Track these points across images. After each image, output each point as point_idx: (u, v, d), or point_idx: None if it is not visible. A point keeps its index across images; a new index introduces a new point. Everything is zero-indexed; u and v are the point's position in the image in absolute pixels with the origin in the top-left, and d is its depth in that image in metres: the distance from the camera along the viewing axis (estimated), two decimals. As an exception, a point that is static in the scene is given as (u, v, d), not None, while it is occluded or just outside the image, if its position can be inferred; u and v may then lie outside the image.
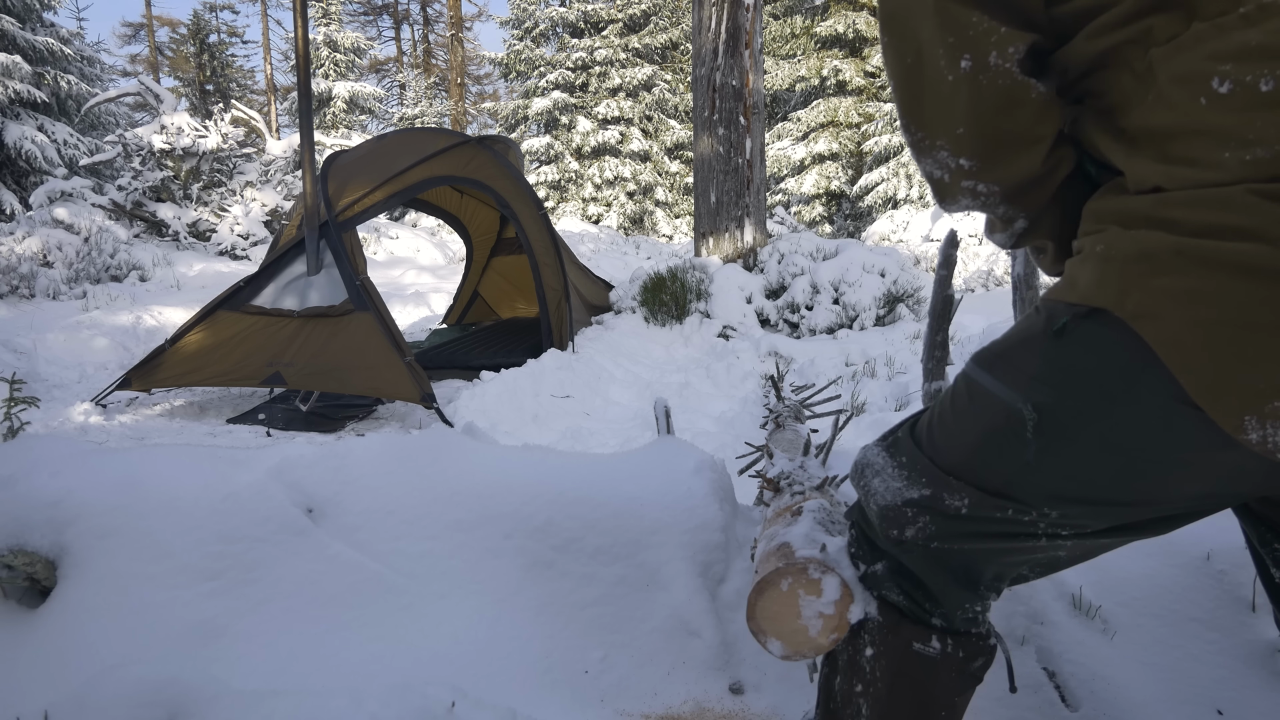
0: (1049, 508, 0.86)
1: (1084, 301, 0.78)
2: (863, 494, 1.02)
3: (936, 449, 0.94)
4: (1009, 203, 0.89)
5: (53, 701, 1.27)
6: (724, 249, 7.29)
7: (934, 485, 0.92)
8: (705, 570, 1.70)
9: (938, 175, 0.90)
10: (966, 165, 0.86)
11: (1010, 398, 0.84)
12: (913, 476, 0.95)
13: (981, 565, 0.97)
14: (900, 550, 0.99)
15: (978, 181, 0.87)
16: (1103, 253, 0.78)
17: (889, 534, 0.98)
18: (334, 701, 1.27)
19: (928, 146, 0.88)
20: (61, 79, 13.32)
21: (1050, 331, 0.81)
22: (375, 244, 11.82)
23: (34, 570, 1.57)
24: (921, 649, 1.01)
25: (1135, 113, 0.77)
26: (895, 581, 1.02)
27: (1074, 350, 0.79)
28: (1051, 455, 0.82)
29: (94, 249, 8.22)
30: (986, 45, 0.81)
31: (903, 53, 0.86)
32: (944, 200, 0.93)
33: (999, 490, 0.88)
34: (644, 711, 1.52)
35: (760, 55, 7.22)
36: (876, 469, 1.00)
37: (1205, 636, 1.51)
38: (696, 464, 1.85)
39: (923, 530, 0.94)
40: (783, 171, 19.22)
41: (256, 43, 42.14)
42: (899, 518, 0.96)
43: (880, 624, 1.04)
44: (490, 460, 1.88)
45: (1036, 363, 0.83)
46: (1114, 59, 0.78)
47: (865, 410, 4.06)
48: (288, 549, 1.65)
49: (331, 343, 4.21)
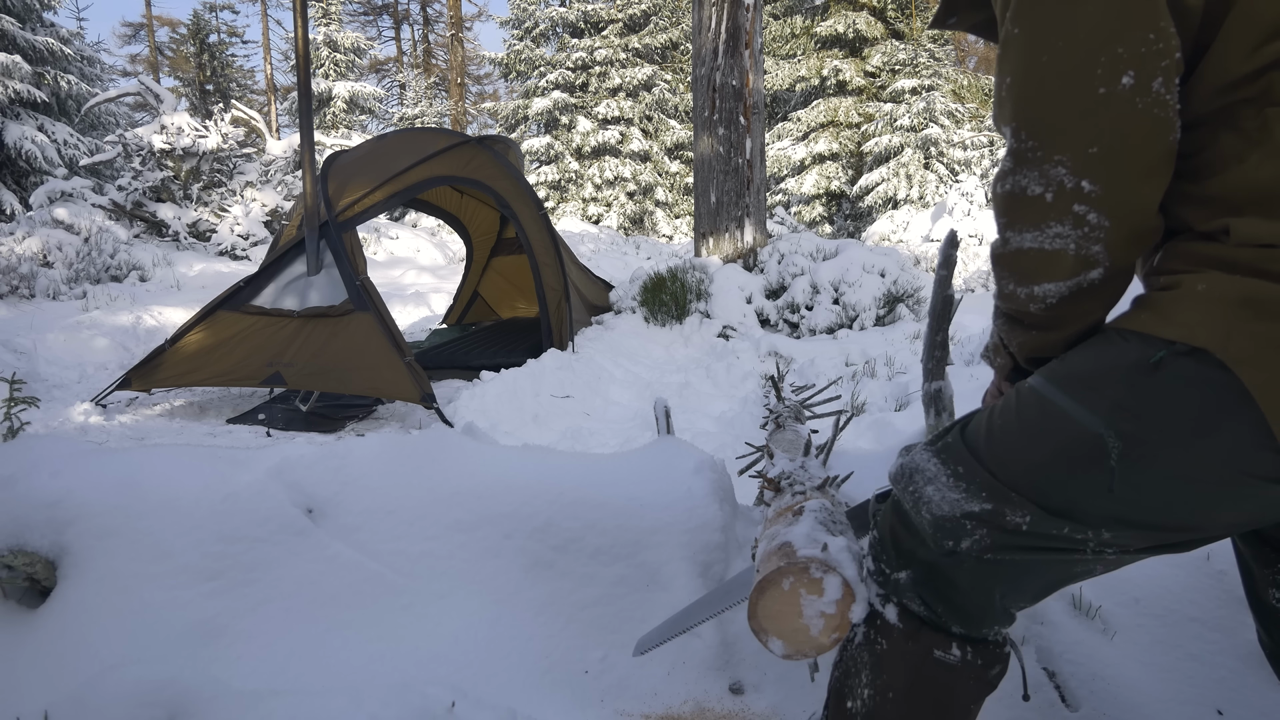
0: (1106, 529, 0.86)
1: (1184, 340, 0.78)
2: (912, 500, 0.99)
3: (997, 461, 0.92)
4: (1110, 242, 0.81)
5: (53, 701, 1.27)
6: (724, 249, 7.28)
7: (996, 500, 0.91)
8: (705, 570, 1.70)
9: (1037, 192, 0.82)
10: (1089, 189, 0.79)
11: (1092, 423, 0.83)
12: (971, 489, 0.93)
13: (1024, 579, 0.96)
14: (951, 561, 0.97)
15: (1093, 209, 0.79)
16: (1205, 292, 0.78)
17: (943, 544, 0.96)
18: (334, 701, 1.27)
19: (1039, 159, 0.80)
20: (61, 79, 13.32)
21: (1145, 363, 0.80)
22: (375, 244, 11.82)
23: (34, 570, 1.57)
24: (943, 656, 1.00)
25: (1234, 171, 0.77)
26: (918, 592, 1.01)
27: (1168, 386, 0.79)
28: (1126, 484, 0.83)
29: (94, 249, 8.22)
30: (1156, 67, 0.75)
31: (1040, 49, 0.78)
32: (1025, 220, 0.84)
33: (1061, 510, 0.87)
34: (644, 711, 1.52)
35: (760, 55, 7.22)
36: (929, 476, 0.97)
37: (1205, 636, 1.50)
38: (696, 464, 1.85)
39: (979, 542, 0.93)
40: (783, 171, 19.22)
41: (256, 43, 42.15)
42: (957, 529, 0.94)
43: (901, 630, 1.03)
44: (490, 460, 1.88)
45: (1125, 391, 0.82)
46: (1221, 116, 0.78)
47: (865, 410, 4.06)
48: (288, 549, 1.65)
49: (331, 343, 4.21)
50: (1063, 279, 0.85)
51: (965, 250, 11.55)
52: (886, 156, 16.99)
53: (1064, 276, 0.85)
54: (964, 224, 12.12)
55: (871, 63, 18.72)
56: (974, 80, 19.48)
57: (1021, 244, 0.86)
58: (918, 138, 16.37)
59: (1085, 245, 0.82)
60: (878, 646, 1.05)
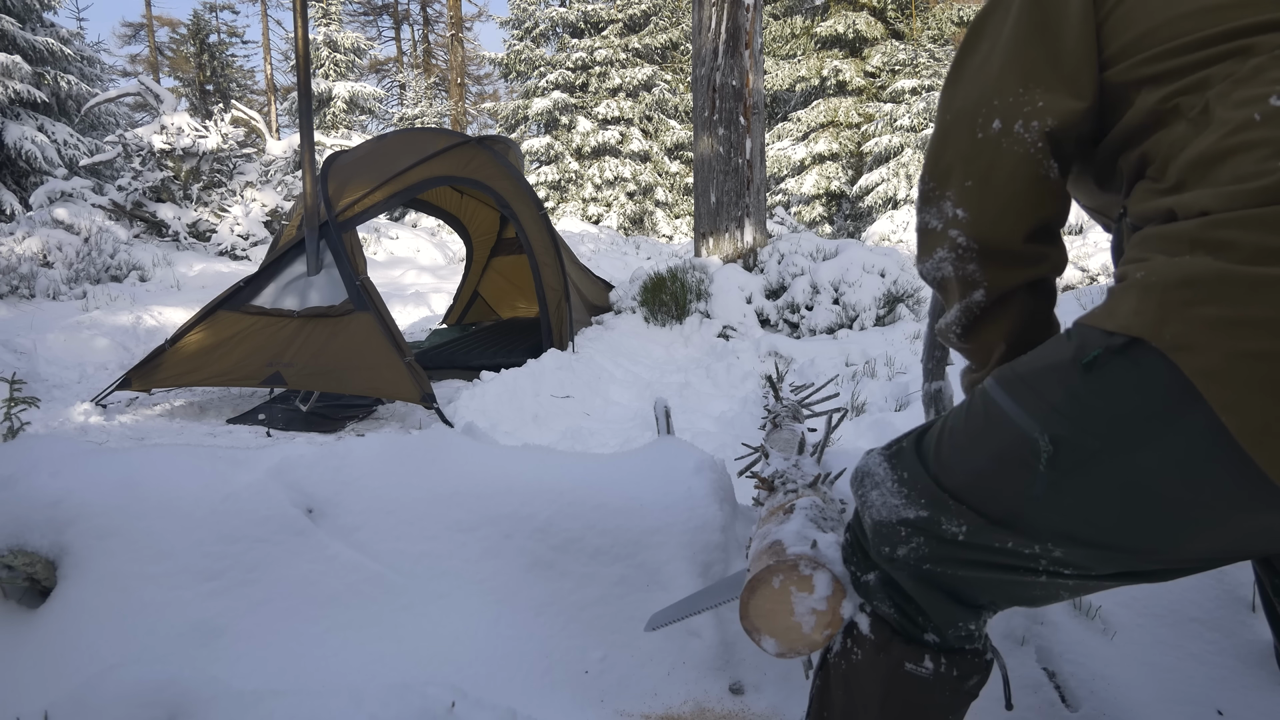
0: (1054, 545, 0.82)
1: (1121, 330, 0.73)
2: (860, 504, 1.00)
3: (943, 466, 0.91)
4: (979, 262, 0.95)
5: (53, 701, 1.27)
6: (724, 249, 7.28)
7: (932, 507, 0.89)
8: (705, 570, 1.70)
9: (932, 225, 0.97)
10: (960, 215, 0.94)
11: (1027, 425, 0.79)
12: (912, 495, 0.92)
13: (974, 591, 0.94)
14: (891, 567, 0.96)
15: (962, 232, 0.94)
16: (1143, 280, 0.73)
17: (880, 550, 0.95)
18: (334, 701, 1.27)
19: (936, 197, 0.96)
20: (61, 79, 13.32)
21: (1080, 362, 0.76)
22: (375, 244, 11.82)
23: (34, 570, 1.57)
24: (914, 669, 0.97)
25: (1185, 152, 0.76)
26: (888, 594, 0.99)
27: (1102, 386, 0.74)
28: (1063, 492, 0.78)
29: (94, 249, 8.22)
30: (1018, 114, 0.88)
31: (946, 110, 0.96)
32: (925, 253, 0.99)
33: (1002, 519, 0.84)
34: (644, 711, 1.52)
35: (760, 55, 7.22)
36: (876, 480, 0.97)
37: (1205, 636, 1.50)
38: (696, 464, 1.85)
39: (915, 551, 0.91)
40: (783, 171, 19.22)
41: (256, 43, 42.16)
42: (892, 535, 0.93)
43: (872, 641, 1.00)
44: (490, 460, 1.88)
45: (1059, 393, 0.77)
46: (1169, 114, 0.80)
47: (865, 410, 4.06)
48: (287, 549, 1.65)
49: (331, 343, 4.21)
50: (955, 302, 0.99)
51: (965, 250, 11.53)
52: (886, 156, 16.99)
53: (955, 299, 0.99)
54: (964, 224, 12.11)
55: (871, 63, 18.72)
56: (974, 80, 19.44)
57: (924, 274, 1.01)
58: (918, 138, 16.37)
59: (961, 265, 0.96)
60: (853, 656, 1.03)
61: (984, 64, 0.93)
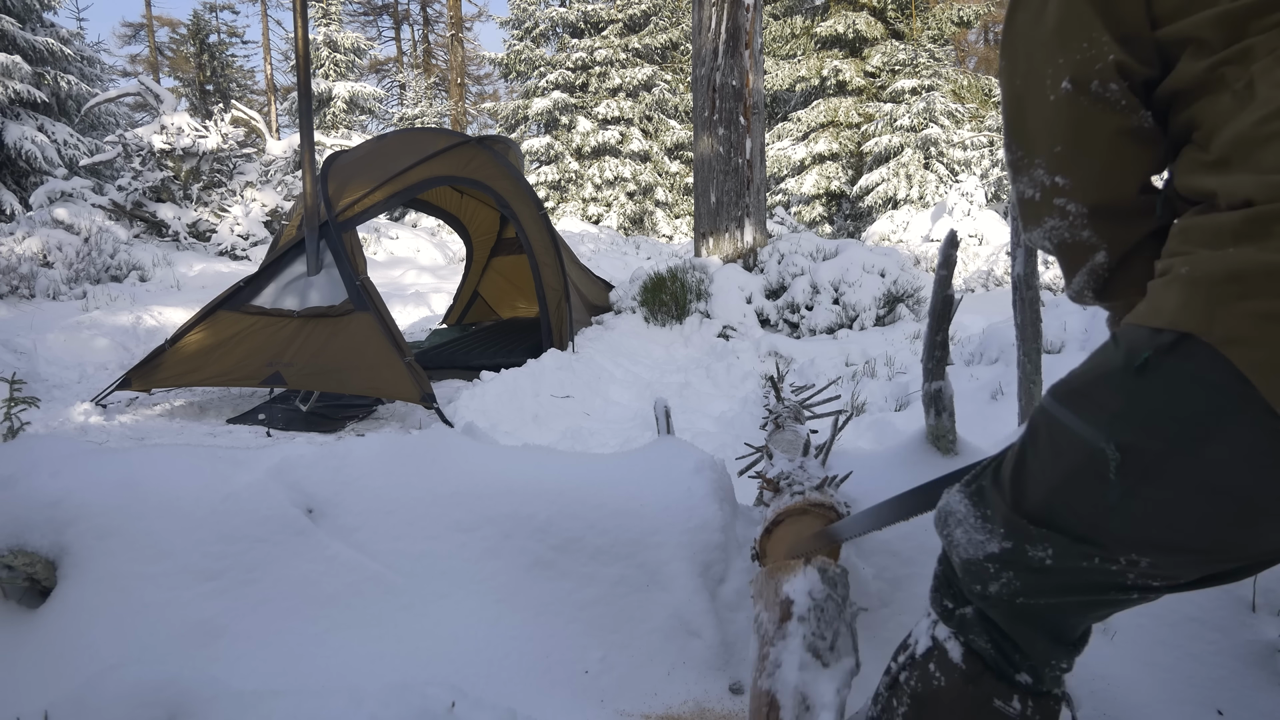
0: (1139, 555, 0.80)
1: (1169, 326, 0.73)
2: (946, 543, 0.98)
3: (1019, 493, 0.89)
4: (1094, 226, 0.88)
5: (53, 701, 1.27)
6: (724, 249, 7.28)
7: (1015, 537, 0.88)
8: (705, 570, 1.69)
9: (1029, 194, 0.91)
10: (1061, 183, 0.88)
11: (1091, 436, 0.79)
12: (994, 528, 0.91)
13: (1071, 619, 0.92)
14: (986, 605, 0.95)
15: (1069, 200, 0.88)
16: (1189, 274, 0.73)
17: (972, 589, 0.94)
18: (334, 701, 1.27)
19: (1025, 165, 0.91)
20: (61, 79, 13.32)
21: (1132, 366, 0.76)
22: (375, 244, 11.82)
23: (34, 570, 1.57)
24: (1002, 707, 0.95)
25: (1228, 128, 0.74)
26: (984, 629, 0.97)
27: (1158, 388, 0.74)
28: (1138, 498, 0.77)
29: (94, 249, 8.22)
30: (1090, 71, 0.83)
31: (1014, 75, 0.91)
32: (1031, 221, 0.93)
33: (1084, 536, 0.83)
34: (644, 711, 1.52)
35: (760, 55, 7.22)
36: (959, 518, 0.96)
37: (1205, 636, 1.50)
38: (696, 464, 1.85)
39: (1007, 586, 0.90)
40: (783, 171, 19.22)
41: (256, 43, 42.16)
42: (981, 573, 0.92)
43: (963, 671, 0.98)
44: (490, 460, 1.88)
45: (1118, 399, 0.77)
46: (1215, 83, 0.77)
47: (865, 410, 4.06)
48: (287, 549, 1.65)
49: (331, 343, 4.21)
50: (1079, 267, 0.92)
51: (965, 250, 11.55)
52: (886, 156, 17.00)
53: (1078, 265, 0.92)
54: (964, 224, 12.12)
55: (871, 63, 18.72)
56: (974, 80, 19.48)
57: (1036, 242, 0.95)
58: (918, 138, 16.37)
59: (1075, 232, 0.90)
60: (935, 682, 1.00)
61: (1037, 21, 0.87)
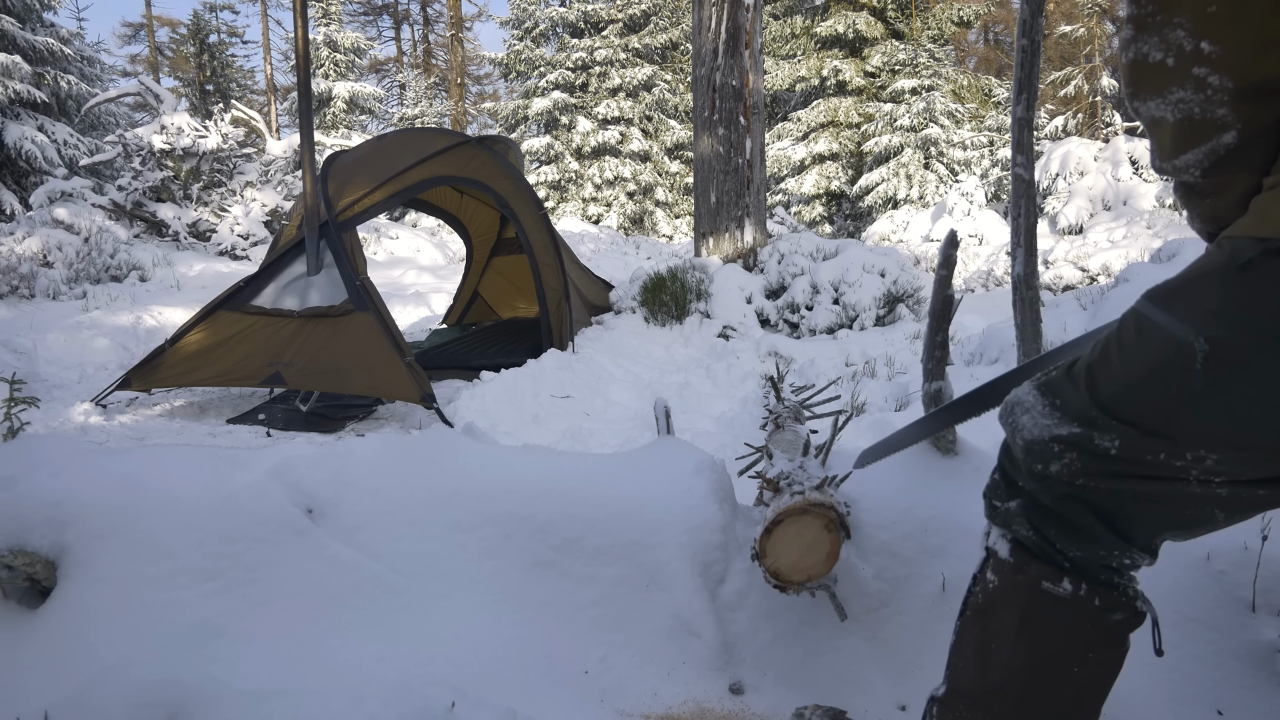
0: (1206, 450, 0.82)
1: (1276, 234, 0.74)
2: (1010, 430, 0.99)
3: (1095, 383, 0.90)
4: (1236, 104, 0.78)
5: (53, 701, 1.27)
6: (724, 249, 7.29)
7: (1086, 423, 0.89)
8: (705, 570, 1.70)
9: (1157, 58, 0.80)
10: (1207, 50, 0.76)
11: (1182, 331, 0.80)
12: (1065, 414, 0.92)
13: (1128, 510, 0.92)
14: (1042, 486, 0.95)
15: (1213, 71, 0.77)
16: None
17: (1033, 468, 0.95)
18: (334, 701, 1.27)
19: (1158, 23, 0.79)
20: (61, 79, 13.32)
21: (1234, 265, 0.77)
22: (375, 244, 11.82)
23: (34, 570, 1.57)
24: (1050, 588, 0.95)
25: None
26: (1028, 518, 0.98)
27: (1260, 284, 0.75)
28: (1219, 392, 0.78)
29: (94, 249, 8.22)
30: None
31: None
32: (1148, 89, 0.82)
33: (1155, 429, 0.84)
34: (644, 711, 1.52)
35: (760, 55, 7.22)
36: (1026, 406, 0.97)
37: (1205, 636, 1.50)
38: (696, 464, 1.85)
39: (1068, 466, 0.91)
40: (783, 171, 19.22)
41: (256, 43, 42.17)
42: (1045, 452, 0.93)
43: (1010, 563, 0.99)
44: (490, 460, 1.88)
45: (1215, 296, 0.78)
46: None
47: (865, 410, 4.06)
48: (288, 549, 1.65)
49: (331, 343, 4.21)
50: (1197, 146, 0.83)
51: (965, 250, 11.55)
52: (886, 156, 17.00)
53: (1197, 144, 0.82)
54: (964, 224, 12.12)
55: (871, 63, 18.72)
56: (974, 80, 19.48)
57: (1149, 113, 0.84)
58: (918, 138, 16.37)
59: (1210, 109, 0.79)
60: (990, 584, 1.01)
61: None
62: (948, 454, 1.76)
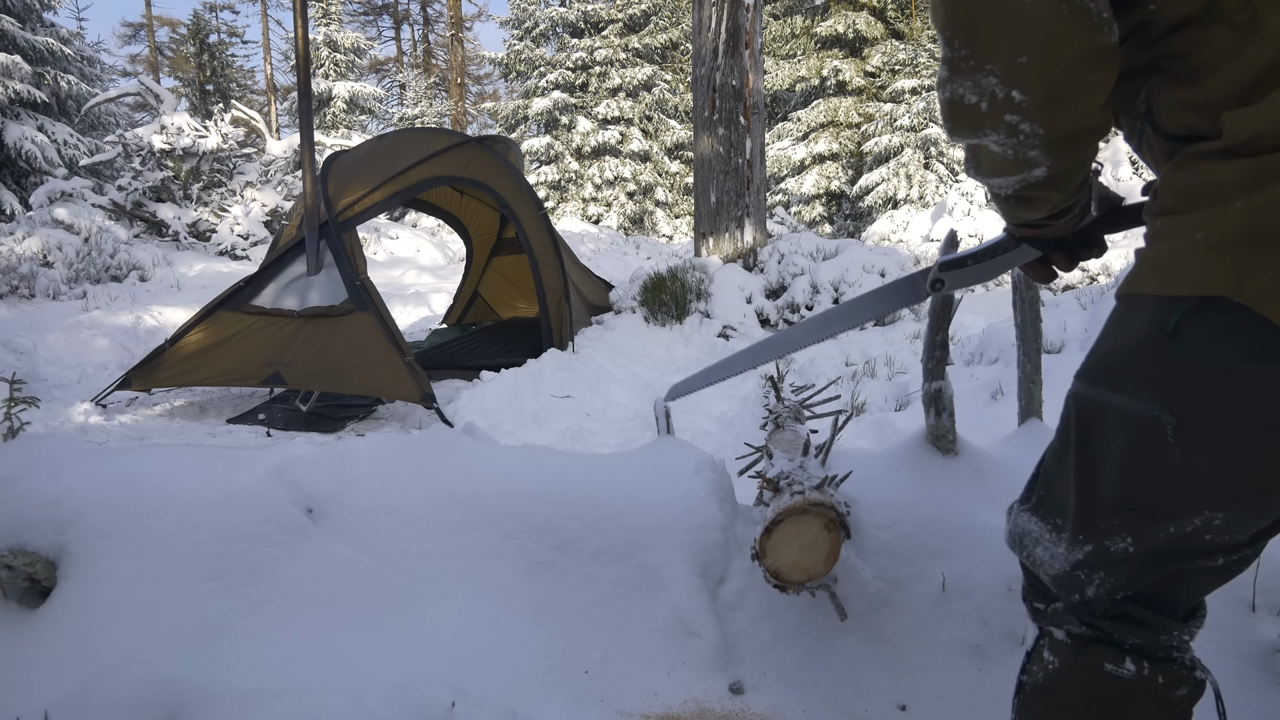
0: (1210, 511, 0.81)
1: (1194, 292, 0.74)
2: (1029, 564, 0.98)
3: (1082, 493, 0.89)
4: (1047, 148, 0.81)
5: (53, 701, 1.27)
6: (724, 249, 7.29)
7: (1093, 538, 0.88)
8: (705, 570, 1.70)
9: (972, 101, 0.80)
10: (1019, 99, 0.77)
11: (1143, 409, 0.80)
12: (1070, 535, 0.91)
13: (1173, 591, 0.91)
14: (1087, 610, 0.94)
15: (1024, 119, 0.78)
16: (1204, 240, 0.73)
17: (1071, 599, 0.94)
18: (334, 701, 1.27)
19: (971, 69, 0.79)
20: (61, 79, 13.32)
21: (1164, 333, 0.77)
22: (375, 244, 11.82)
23: (34, 570, 1.57)
24: (1114, 670, 0.93)
25: (1230, 68, 0.72)
26: (1078, 616, 0.96)
27: (1195, 347, 0.76)
28: (1200, 455, 0.78)
29: (94, 249, 8.22)
30: None
31: None
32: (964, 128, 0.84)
33: (1156, 509, 0.83)
34: (644, 711, 1.52)
35: (760, 55, 7.22)
36: (1035, 537, 0.96)
37: (1205, 636, 1.49)
38: (696, 464, 1.85)
39: (1101, 586, 0.90)
40: (783, 171, 19.23)
41: (256, 43, 42.21)
42: (1074, 583, 0.92)
43: (1069, 645, 0.96)
44: (490, 460, 1.88)
45: (1158, 368, 0.79)
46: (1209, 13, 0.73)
47: (865, 410, 4.06)
48: (288, 549, 1.65)
49: (331, 343, 4.21)
50: (1009, 174, 0.86)
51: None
52: (886, 156, 17.00)
53: (1010, 173, 0.86)
54: (964, 224, 12.12)
55: (871, 63, 18.72)
56: (974, 80, 19.45)
57: (966, 142, 0.87)
58: (918, 138, 16.38)
59: (1022, 150, 0.82)
60: (1049, 664, 0.98)
61: None
62: (948, 454, 1.76)
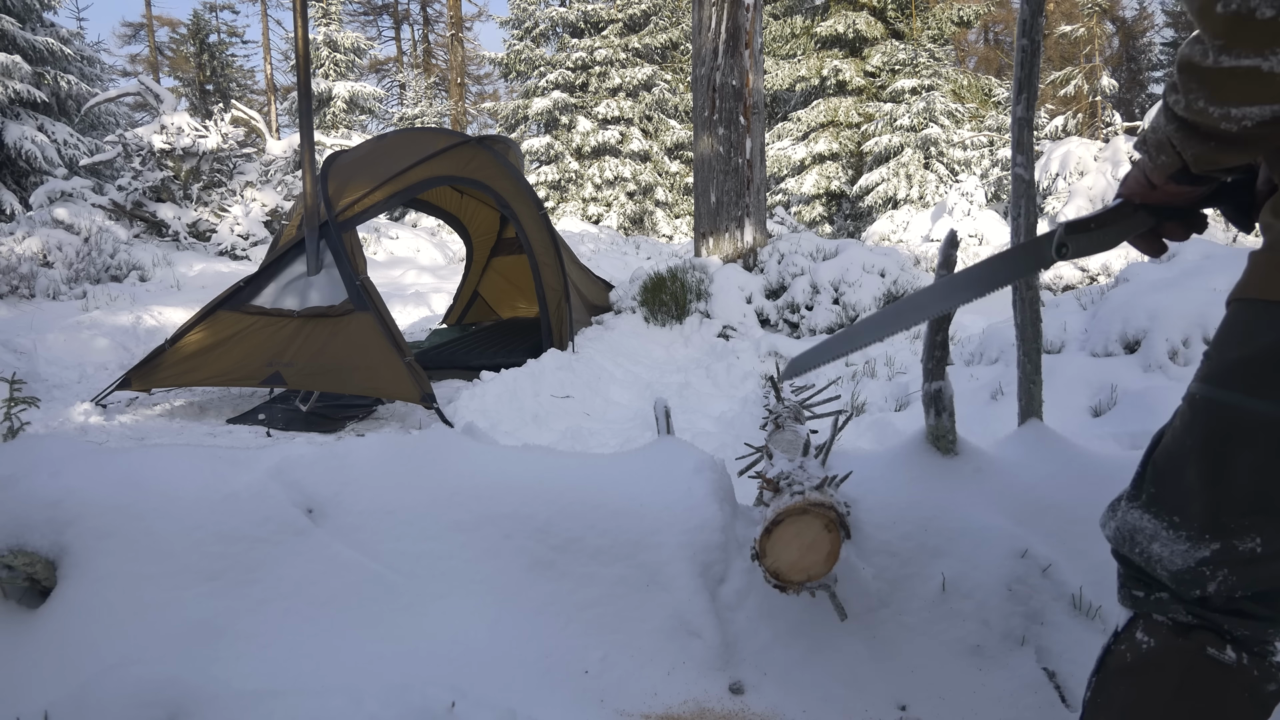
0: None
1: None
2: (1144, 562, 0.98)
3: (1210, 493, 0.90)
4: None
5: (53, 701, 1.27)
6: (724, 249, 7.29)
7: (1221, 536, 0.89)
8: (705, 570, 1.70)
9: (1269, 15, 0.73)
10: None
11: None
12: (1193, 532, 0.91)
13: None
14: (1206, 606, 0.94)
15: None
16: None
17: (1190, 595, 0.94)
18: (334, 701, 1.27)
19: None
20: (61, 79, 13.32)
21: None
22: (375, 244, 11.82)
23: (34, 570, 1.57)
24: (1215, 654, 0.93)
25: None
26: (1185, 607, 0.96)
27: None
28: None
29: (94, 249, 8.22)
30: None
31: None
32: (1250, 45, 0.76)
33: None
34: (644, 711, 1.52)
35: (760, 55, 7.22)
36: (1150, 534, 0.96)
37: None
38: (696, 464, 1.85)
39: (1224, 583, 0.91)
40: (783, 171, 19.23)
41: (256, 43, 42.20)
42: (1197, 578, 0.92)
43: (1170, 627, 0.97)
44: (490, 460, 1.88)
45: None
46: None
47: (865, 410, 4.06)
48: (288, 549, 1.65)
49: (331, 343, 4.21)
50: (1269, 103, 0.79)
51: (965, 250, 11.55)
52: (886, 156, 17.00)
53: (1272, 100, 0.79)
54: (964, 224, 12.12)
55: (871, 63, 18.72)
56: (974, 80, 19.49)
57: (1237, 65, 0.79)
58: (918, 138, 16.38)
59: None
60: (1143, 644, 0.98)
61: None
62: (948, 454, 1.76)
